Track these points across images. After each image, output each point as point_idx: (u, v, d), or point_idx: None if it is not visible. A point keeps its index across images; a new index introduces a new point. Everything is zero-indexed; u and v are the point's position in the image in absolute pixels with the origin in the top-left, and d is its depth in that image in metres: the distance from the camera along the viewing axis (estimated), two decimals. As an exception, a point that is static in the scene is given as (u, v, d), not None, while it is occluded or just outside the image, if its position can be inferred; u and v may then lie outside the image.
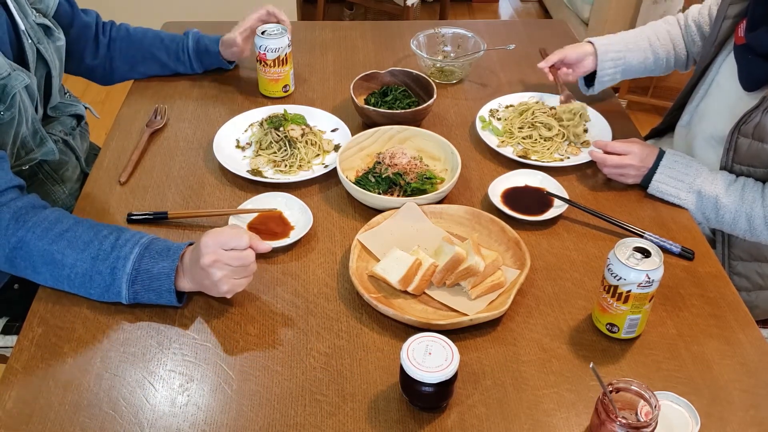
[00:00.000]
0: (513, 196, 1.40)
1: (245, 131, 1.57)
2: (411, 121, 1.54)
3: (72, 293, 1.17)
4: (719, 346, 1.13)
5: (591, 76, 1.65)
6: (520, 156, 1.51)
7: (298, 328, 1.15)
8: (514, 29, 2.07)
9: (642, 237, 1.30)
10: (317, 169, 1.46)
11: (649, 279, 1.05)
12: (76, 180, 1.57)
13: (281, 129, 1.49)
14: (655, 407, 0.92)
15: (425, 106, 1.55)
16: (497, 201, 1.37)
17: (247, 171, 1.45)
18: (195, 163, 1.49)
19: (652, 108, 3.27)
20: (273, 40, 1.60)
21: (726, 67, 1.48)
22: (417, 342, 1.00)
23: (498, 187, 1.41)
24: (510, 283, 1.20)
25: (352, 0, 3.88)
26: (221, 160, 1.45)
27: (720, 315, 1.19)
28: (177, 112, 1.65)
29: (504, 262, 1.24)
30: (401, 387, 1.02)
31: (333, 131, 1.57)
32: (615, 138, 1.54)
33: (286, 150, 1.47)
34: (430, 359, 0.98)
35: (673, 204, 1.40)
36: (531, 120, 1.56)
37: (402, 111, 1.54)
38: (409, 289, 1.19)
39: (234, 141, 1.54)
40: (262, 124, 1.53)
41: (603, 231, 1.35)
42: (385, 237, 1.28)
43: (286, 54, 1.64)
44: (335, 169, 1.40)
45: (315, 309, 1.18)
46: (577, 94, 1.69)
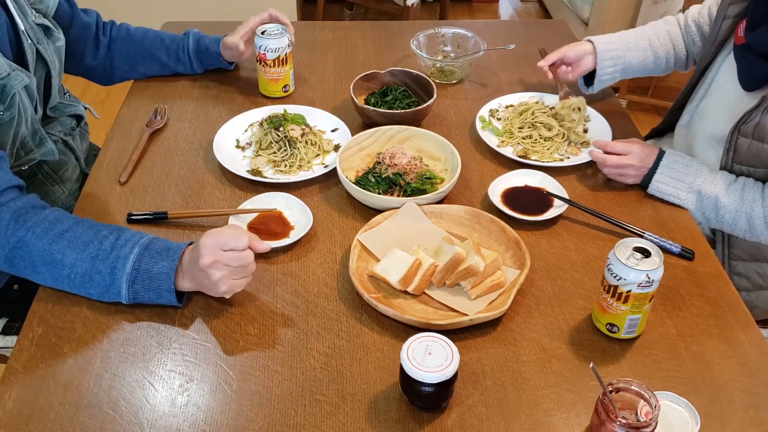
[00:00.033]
0: (513, 196, 1.40)
1: (245, 131, 1.57)
2: (411, 121, 1.54)
3: (72, 293, 1.17)
4: (719, 346, 1.13)
5: (590, 75, 1.65)
6: (520, 156, 1.51)
7: (298, 328, 1.15)
8: (514, 29, 2.07)
9: (642, 237, 1.30)
10: (317, 169, 1.46)
11: (649, 279, 1.05)
12: (75, 180, 1.57)
13: (281, 129, 1.49)
14: (655, 407, 0.92)
15: (425, 106, 1.55)
16: (497, 201, 1.37)
17: (247, 171, 1.45)
18: (195, 163, 1.49)
19: (652, 108, 3.27)
20: (273, 40, 1.60)
21: (726, 67, 1.48)
22: (417, 342, 1.00)
23: (498, 187, 1.41)
24: (510, 283, 1.20)
25: (352, 0, 3.88)
26: (221, 160, 1.45)
27: (720, 315, 1.19)
28: (177, 112, 1.65)
29: (504, 262, 1.24)
30: (401, 387, 1.02)
31: (333, 131, 1.57)
32: (615, 138, 1.54)
33: (286, 150, 1.47)
34: (430, 359, 0.98)
35: (673, 204, 1.40)
36: (531, 120, 1.56)
37: (402, 111, 1.54)
38: (409, 289, 1.19)
39: (234, 141, 1.54)
40: (262, 124, 1.53)
41: (603, 231, 1.35)
42: (385, 237, 1.28)
43: (286, 54, 1.64)
44: (335, 169, 1.40)
45: (315, 309, 1.18)
46: (577, 93, 1.69)
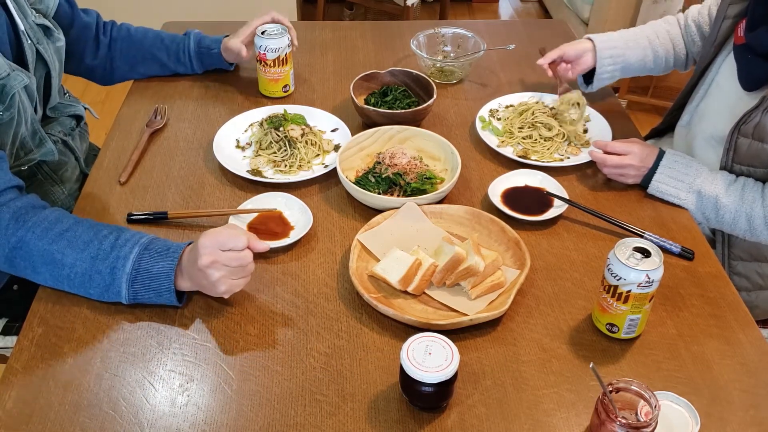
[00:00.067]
0: (513, 196, 1.40)
1: (245, 131, 1.57)
2: (411, 121, 1.54)
3: (72, 293, 1.17)
4: (719, 346, 1.13)
5: (590, 74, 1.65)
6: (520, 156, 1.51)
7: (298, 328, 1.15)
8: (514, 29, 2.07)
9: (642, 237, 1.30)
10: (317, 169, 1.46)
11: (649, 279, 1.05)
12: (75, 180, 1.57)
13: (281, 129, 1.49)
14: (655, 407, 0.92)
15: (425, 106, 1.55)
16: (497, 201, 1.37)
17: (247, 171, 1.45)
18: (195, 163, 1.49)
19: (652, 108, 3.27)
20: (273, 40, 1.60)
21: (726, 67, 1.48)
22: (417, 342, 1.00)
23: (498, 187, 1.41)
24: (510, 283, 1.20)
25: (352, 0, 3.88)
26: (221, 160, 1.45)
27: (720, 315, 1.19)
28: (177, 112, 1.65)
29: (504, 262, 1.24)
30: (401, 387, 1.02)
31: (333, 131, 1.57)
32: (615, 138, 1.54)
33: (286, 150, 1.47)
34: (430, 359, 0.98)
35: (673, 204, 1.40)
36: (531, 120, 1.56)
37: (402, 111, 1.54)
38: (409, 289, 1.19)
39: (234, 141, 1.54)
40: (262, 124, 1.53)
41: (603, 231, 1.35)
42: (385, 237, 1.28)
43: (286, 54, 1.64)
44: (335, 169, 1.40)
45: (315, 309, 1.18)
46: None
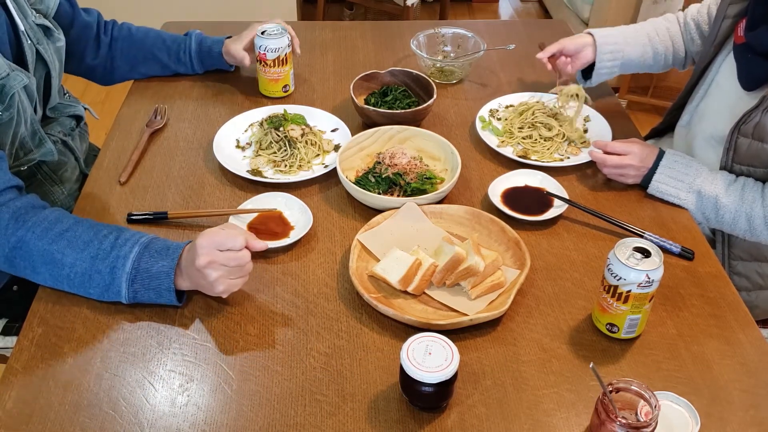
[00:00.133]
0: (513, 196, 1.40)
1: (245, 131, 1.57)
2: (411, 121, 1.54)
3: (72, 293, 1.17)
4: (719, 346, 1.13)
5: (588, 70, 1.65)
6: (520, 156, 1.51)
7: (298, 328, 1.15)
8: (514, 29, 2.07)
9: (642, 237, 1.30)
10: (317, 169, 1.46)
11: (649, 279, 1.05)
12: (75, 181, 1.57)
13: (281, 129, 1.49)
14: (655, 407, 0.92)
15: (425, 106, 1.55)
16: (497, 201, 1.37)
17: (247, 171, 1.45)
18: (195, 163, 1.49)
19: (652, 108, 3.27)
20: (273, 40, 1.60)
21: (726, 67, 1.48)
22: (417, 342, 1.00)
23: (498, 187, 1.41)
24: (510, 283, 1.20)
25: (352, 0, 3.88)
26: (221, 160, 1.45)
27: (720, 315, 1.19)
28: (177, 112, 1.65)
29: (504, 262, 1.24)
30: (401, 387, 1.02)
31: (333, 131, 1.57)
32: (615, 138, 1.54)
33: (286, 150, 1.47)
34: (430, 359, 0.98)
35: (673, 204, 1.40)
36: (531, 120, 1.56)
37: (402, 111, 1.54)
38: (409, 289, 1.19)
39: (234, 141, 1.54)
40: (262, 124, 1.53)
41: (603, 231, 1.35)
42: (385, 237, 1.28)
43: (286, 54, 1.64)
44: (335, 169, 1.40)
45: (315, 309, 1.18)
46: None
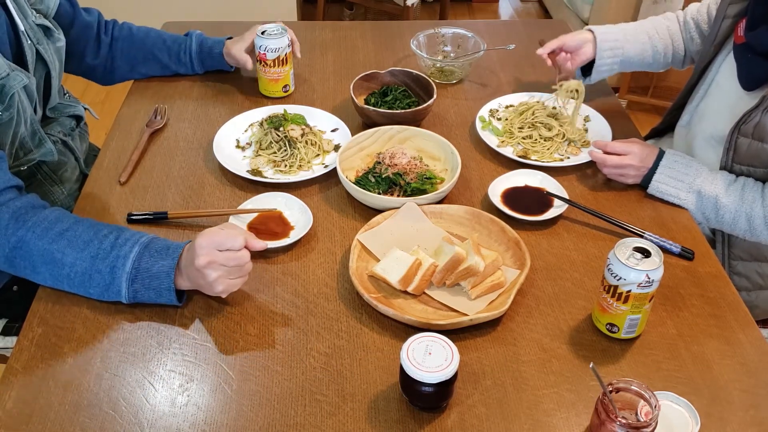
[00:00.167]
0: (513, 196, 1.40)
1: (245, 131, 1.57)
2: (411, 121, 1.54)
3: (72, 293, 1.17)
4: (719, 346, 1.13)
5: (588, 67, 1.65)
6: (520, 156, 1.51)
7: (298, 328, 1.15)
8: (514, 29, 2.07)
9: (642, 237, 1.30)
10: (317, 169, 1.46)
11: (649, 279, 1.05)
12: (75, 181, 1.57)
13: (281, 129, 1.49)
14: (655, 407, 0.92)
15: (425, 106, 1.55)
16: (497, 201, 1.37)
17: (247, 171, 1.45)
18: (195, 163, 1.49)
19: (652, 108, 3.27)
20: (273, 40, 1.60)
21: (726, 67, 1.48)
22: (417, 342, 1.00)
23: (498, 187, 1.41)
24: (510, 283, 1.20)
25: (352, 0, 3.88)
26: (221, 160, 1.45)
27: (720, 315, 1.19)
28: (177, 112, 1.65)
29: (504, 262, 1.24)
30: (401, 387, 1.02)
31: (333, 131, 1.57)
32: (615, 138, 1.54)
33: (286, 150, 1.47)
34: (430, 359, 0.98)
35: (673, 204, 1.40)
36: (531, 120, 1.56)
37: (402, 111, 1.54)
38: (409, 289, 1.19)
39: (234, 141, 1.54)
40: (262, 124, 1.53)
41: (603, 231, 1.35)
42: (385, 237, 1.28)
43: (286, 54, 1.64)
44: (335, 169, 1.40)
45: (315, 309, 1.18)
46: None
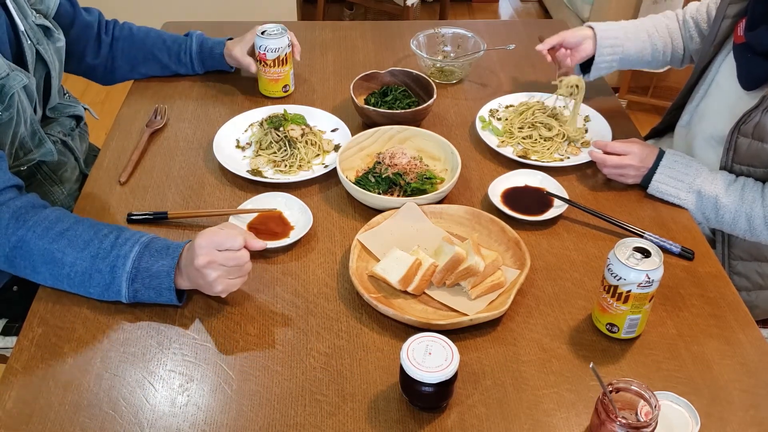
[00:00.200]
0: (513, 196, 1.40)
1: (245, 131, 1.57)
2: (411, 121, 1.54)
3: (72, 293, 1.17)
4: (719, 346, 1.13)
5: (587, 64, 1.65)
6: (520, 156, 1.51)
7: (298, 328, 1.15)
8: (514, 29, 2.07)
9: (642, 237, 1.30)
10: (317, 169, 1.46)
11: (649, 279, 1.05)
12: (75, 181, 1.57)
13: (281, 129, 1.49)
14: (655, 407, 0.92)
15: (425, 106, 1.55)
16: (497, 201, 1.37)
17: (247, 171, 1.45)
18: (195, 163, 1.49)
19: (652, 108, 3.27)
20: (273, 40, 1.60)
21: (725, 67, 1.48)
22: (417, 342, 1.00)
23: (498, 187, 1.41)
24: (510, 283, 1.20)
25: (352, 0, 3.88)
26: (221, 160, 1.45)
27: (720, 315, 1.19)
28: (177, 112, 1.65)
29: (504, 262, 1.24)
30: (401, 387, 1.02)
31: (333, 131, 1.57)
32: (615, 138, 1.54)
33: (286, 150, 1.47)
34: (430, 359, 0.98)
35: (673, 204, 1.40)
36: (531, 120, 1.56)
37: (402, 111, 1.54)
38: (409, 289, 1.19)
39: (234, 141, 1.54)
40: (262, 124, 1.53)
41: (603, 231, 1.35)
42: (385, 237, 1.28)
43: (286, 54, 1.64)
44: (335, 169, 1.40)
45: (315, 309, 1.18)
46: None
